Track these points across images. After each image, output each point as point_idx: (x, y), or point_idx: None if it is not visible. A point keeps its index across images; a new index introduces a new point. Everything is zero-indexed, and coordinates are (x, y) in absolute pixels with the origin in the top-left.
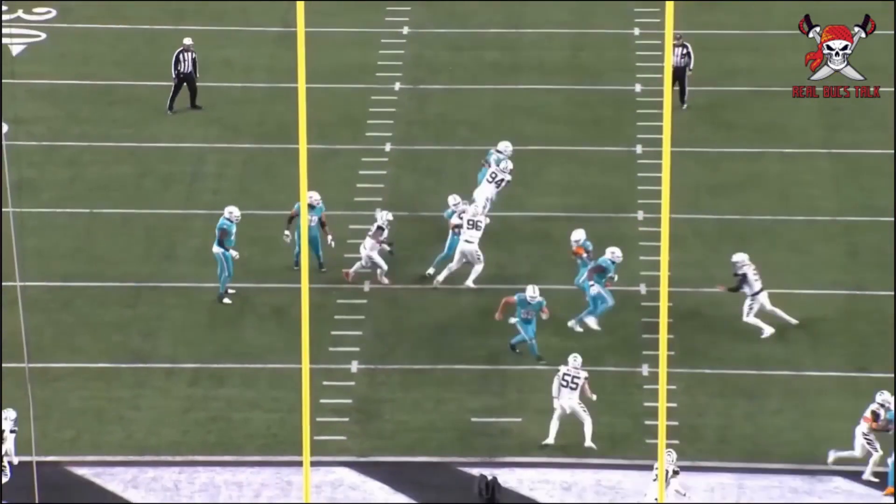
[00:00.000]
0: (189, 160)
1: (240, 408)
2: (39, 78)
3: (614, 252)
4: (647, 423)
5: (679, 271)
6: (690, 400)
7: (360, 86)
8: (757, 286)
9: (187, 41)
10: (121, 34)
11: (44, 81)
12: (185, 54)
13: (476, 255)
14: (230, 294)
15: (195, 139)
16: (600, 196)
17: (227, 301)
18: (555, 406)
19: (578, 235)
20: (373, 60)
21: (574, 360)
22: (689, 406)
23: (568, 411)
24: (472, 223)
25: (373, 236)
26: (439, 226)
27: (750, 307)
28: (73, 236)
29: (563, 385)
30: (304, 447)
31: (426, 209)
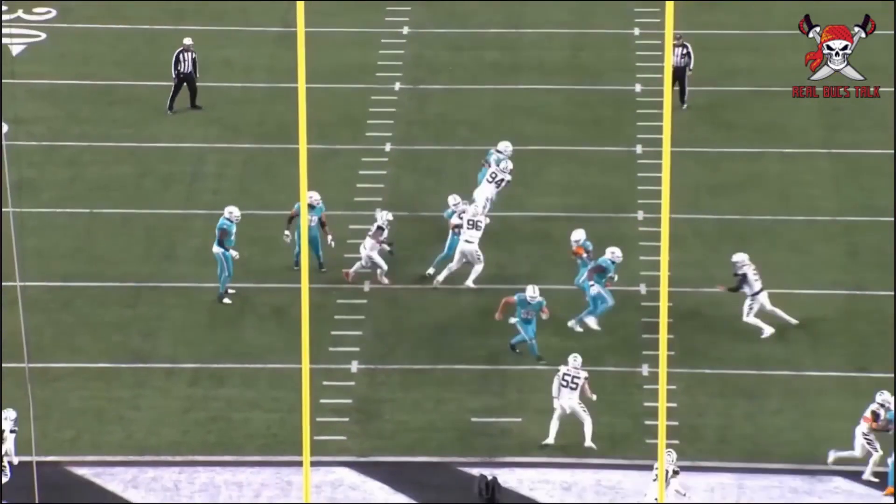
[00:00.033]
0: (189, 160)
1: (240, 408)
2: (39, 78)
3: (614, 252)
4: (647, 423)
5: (679, 271)
6: (690, 400)
7: (360, 86)
8: (757, 286)
9: (187, 41)
10: (121, 34)
11: (44, 81)
12: (185, 54)
13: (476, 255)
14: (230, 294)
15: (195, 139)
16: (600, 196)
17: (227, 301)
18: (555, 406)
19: (578, 235)
20: (373, 60)
21: (574, 360)
22: (689, 406)
23: (568, 411)
24: (472, 223)
25: (373, 236)
26: (439, 226)
27: (750, 307)
28: (73, 236)
29: (563, 385)
30: (304, 447)
31: (426, 209)
